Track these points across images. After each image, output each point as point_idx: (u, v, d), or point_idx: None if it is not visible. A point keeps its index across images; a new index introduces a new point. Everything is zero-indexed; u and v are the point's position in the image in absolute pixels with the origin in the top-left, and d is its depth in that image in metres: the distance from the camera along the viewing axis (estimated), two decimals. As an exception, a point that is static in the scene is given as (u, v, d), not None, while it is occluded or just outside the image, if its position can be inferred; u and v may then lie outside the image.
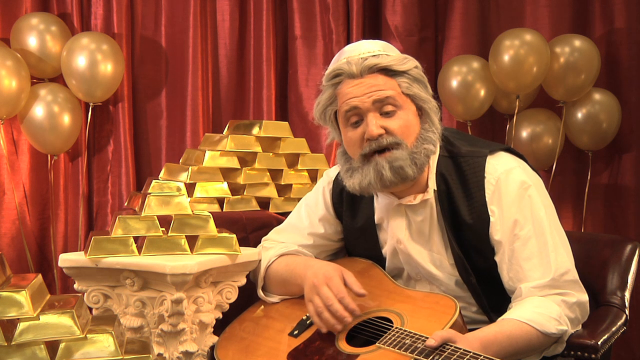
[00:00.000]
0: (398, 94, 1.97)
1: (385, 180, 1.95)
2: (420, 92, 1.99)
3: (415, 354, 1.75)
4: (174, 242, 2.08)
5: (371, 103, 1.96)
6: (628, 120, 3.34)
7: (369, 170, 1.97)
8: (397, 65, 1.98)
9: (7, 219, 3.27)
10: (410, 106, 1.99)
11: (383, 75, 1.97)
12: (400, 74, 1.98)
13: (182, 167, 2.79)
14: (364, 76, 1.97)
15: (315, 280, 2.01)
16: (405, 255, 2.10)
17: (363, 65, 1.96)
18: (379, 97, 1.96)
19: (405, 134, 1.96)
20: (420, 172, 1.98)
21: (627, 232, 3.36)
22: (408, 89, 1.98)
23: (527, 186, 1.98)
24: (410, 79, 1.99)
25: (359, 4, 3.42)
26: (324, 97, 2.05)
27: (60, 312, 1.64)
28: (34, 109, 3.16)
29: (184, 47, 3.40)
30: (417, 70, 2.01)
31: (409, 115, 1.98)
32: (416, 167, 1.96)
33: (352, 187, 2.02)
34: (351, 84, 1.98)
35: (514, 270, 1.96)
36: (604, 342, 1.97)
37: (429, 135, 1.99)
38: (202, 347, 2.10)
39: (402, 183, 1.97)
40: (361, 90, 1.97)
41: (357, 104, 1.97)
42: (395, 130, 1.96)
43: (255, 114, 3.46)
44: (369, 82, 1.97)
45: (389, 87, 1.97)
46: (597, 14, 3.39)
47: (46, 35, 3.20)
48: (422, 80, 2.01)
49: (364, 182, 1.98)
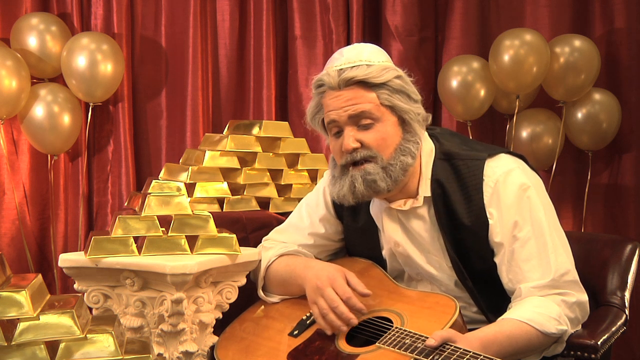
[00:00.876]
0: (376, 107, 1.97)
1: (358, 193, 1.98)
2: (400, 103, 1.98)
3: (415, 353, 1.75)
4: (174, 242, 2.08)
5: (347, 117, 1.97)
6: (628, 120, 3.34)
7: (345, 182, 2.00)
8: (374, 77, 1.96)
9: (7, 219, 3.27)
10: (389, 117, 1.98)
11: (361, 88, 1.97)
12: (379, 86, 1.97)
13: (182, 167, 2.79)
14: (342, 89, 1.98)
15: (318, 282, 2.01)
16: (404, 258, 2.11)
17: (340, 79, 1.97)
18: (354, 111, 1.96)
19: (382, 147, 1.97)
20: (395, 184, 1.98)
21: (627, 232, 3.36)
22: (388, 100, 1.97)
23: (526, 187, 1.98)
24: (390, 90, 1.97)
25: (359, 4, 3.42)
26: (312, 104, 2.08)
27: (60, 312, 1.64)
28: (34, 109, 3.16)
29: (184, 47, 3.39)
30: (398, 81, 1.98)
31: (387, 127, 1.98)
32: (390, 179, 1.96)
33: (332, 196, 2.08)
34: (332, 96, 2.00)
35: (514, 271, 1.96)
36: (603, 342, 1.97)
37: (408, 147, 1.98)
38: (202, 347, 2.10)
39: (376, 195, 2.00)
40: (339, 103, 1.98)
41: (335, 117, 1.99)
42: (370, 143, 1.97)
43: (255, 114, 3.46)
44: (347, 95, 1.97)
45: (367, 100, 1.96)
46: (597, 14, 3.39)
47: (46, 35, 3.20)
48: (403, 91, 1.99)
49: (340, 193, 2.02)
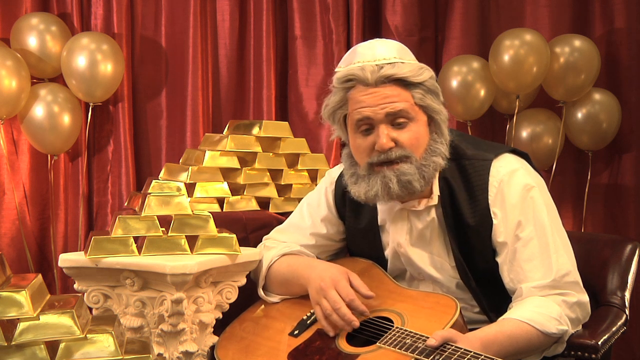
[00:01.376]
0: (411, 106, 1.94)
1: (392, 194, 1.94)
2: (433, 104, 1.97)
3: (415, 353, 1.75)
4: (174, 242, 2.08)
5: (384, 115, 1.93)
6: (628, 120, 3.34)
7: (375, 182, 1.95)
8: (413, 76, 1.94)
9: (7, 219, 3.27)
10: (422, 117, 1.97)
11: (398, 86, 1.93)
12: (416, 85, 1.94)
13: (182, 167, 2.79)
14: (379, 86, 1.93)
15: (322, 283, 2.00)
16: (406, 258, 2.11)
17: (379, 75, 1.92)
18: (392, 109, 1.92)
19: (415, 146, 1.95)
20: (427, 185, 1.97)
21: (627, 232, 3.35)
22: (422, 100, 1.95)
23: (529, 188, 1.97)
24: (425, 90, 1.96)
25: (359, 4, 3.42)
26: (334, 99, 2.02)
27: (60, 312, 1.64)
28: (34, 109, 3.16)
29: (184, 47, 3.39)
30: (432, 81, 1.97)
31: (420, 127, 1.96)
32: (424, 180, 1.95)
33: (357, 195, 2.01)
34: (364, 92, 1.95)
35: (515, 271, 1.96)
36: (604, 342, 1.97)
37: (438, 147, 1.97)
38: (202, 347, 2.10)
39: (409, 196, 1.97)
40: (374, 100, 1.93)
41: (370, 114, 1.94)
42: (405, 142, 1.94)
43: (255, 114, 3.46)
44: (383, 92, 1.93)
45: (403, 99, 1.94)
46: (597, 14, 3.39)
47: (46, 35, 3.20)
48: (435, 91, 1.98)
49: (370, 193, 1.97)
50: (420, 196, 2.03)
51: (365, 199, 2.00)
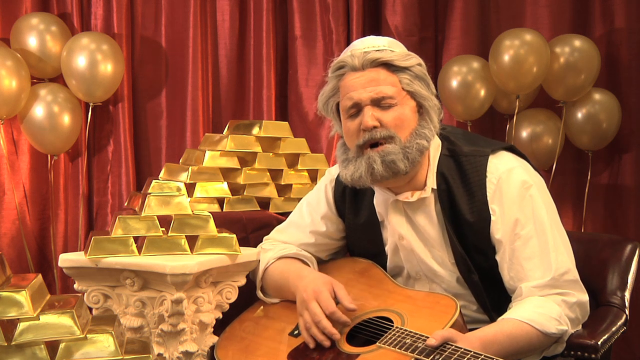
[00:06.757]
0: (397, 90, 1.98)
1: (376, 175, 1.96)
2: (420, 90, 2.00)
3: (415, 353, 1.75)
4: (174, 242, 2.08)
5: (369, 97, 1.97)
6: (628, 120, 3.34)
7: (361, 163, 1.98)
8: (399, 60, 1.99)
9: (7, 219, 3.27)
10: (408, 102, 2.00)
11: (385, 70, 1.99)
12: (402, 69, 1.99)
13: (182, 167, 2.79)
14: (366, 69, 1.99)
15: (305, 295, 2.01)
16: (407, 252, 2.10)
17: (365, 59, 1.98)
18: (376, 92, 1.97)
19: (399, 127, 1.97)
20: (412, 166, 1.98)
21: (627, 232, 3.36)
22: (409, 85, 1.99)
23: (528, 185, 1.98)
24: (412, 75, 2.00)
25: (359, 4, 3.43)
26: (327, 88, 2.08)
27: (60, 312, 1.64)
28: (34, 109, 3.16)
29: (184, 47, 3.40)
30: (420, 68, 2.02)
31: (406, 110, 1.99)
32: (408, 161, 1.96)
33: (345, 178, 2.04)
34: (353, 77, 2.00)
35: (515, 269, 1.96)
36: (604, 342, 1.97)
37: (424, 132, 1.99)
38: (202, 347, 2.10)
39: (394, 178, 1.98)
40: (361, 83, 1.98)
41: (355, 96, 1.99)
42: (388, 123, 1.97)
43: (255, 114, 3.46)
44: (370, 75, 1.98)
45: (389, 83, 1.98)
46: (597, 14, 3.39)
47: (46, 35, 3.20)
48: (423, 78, 2.02)
49: (355, 175, 1.99)
50: (412, 188, 2.04)
51: (352, 182, 2.02)
